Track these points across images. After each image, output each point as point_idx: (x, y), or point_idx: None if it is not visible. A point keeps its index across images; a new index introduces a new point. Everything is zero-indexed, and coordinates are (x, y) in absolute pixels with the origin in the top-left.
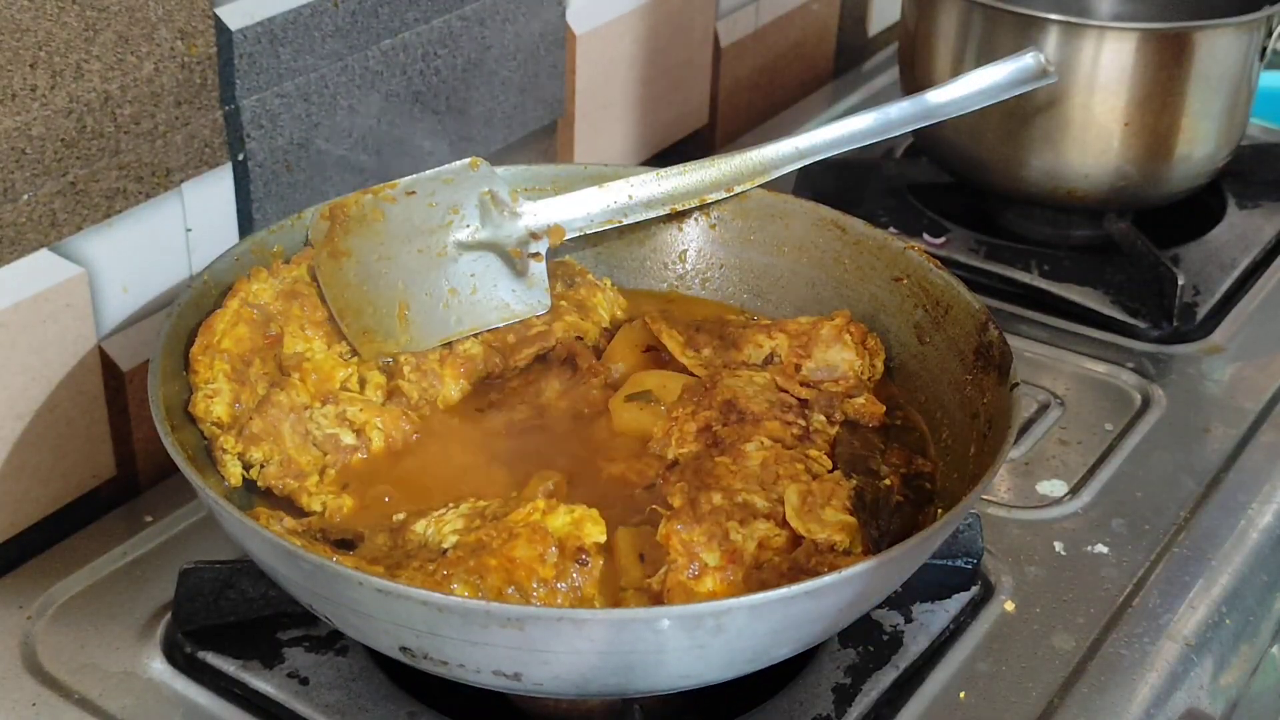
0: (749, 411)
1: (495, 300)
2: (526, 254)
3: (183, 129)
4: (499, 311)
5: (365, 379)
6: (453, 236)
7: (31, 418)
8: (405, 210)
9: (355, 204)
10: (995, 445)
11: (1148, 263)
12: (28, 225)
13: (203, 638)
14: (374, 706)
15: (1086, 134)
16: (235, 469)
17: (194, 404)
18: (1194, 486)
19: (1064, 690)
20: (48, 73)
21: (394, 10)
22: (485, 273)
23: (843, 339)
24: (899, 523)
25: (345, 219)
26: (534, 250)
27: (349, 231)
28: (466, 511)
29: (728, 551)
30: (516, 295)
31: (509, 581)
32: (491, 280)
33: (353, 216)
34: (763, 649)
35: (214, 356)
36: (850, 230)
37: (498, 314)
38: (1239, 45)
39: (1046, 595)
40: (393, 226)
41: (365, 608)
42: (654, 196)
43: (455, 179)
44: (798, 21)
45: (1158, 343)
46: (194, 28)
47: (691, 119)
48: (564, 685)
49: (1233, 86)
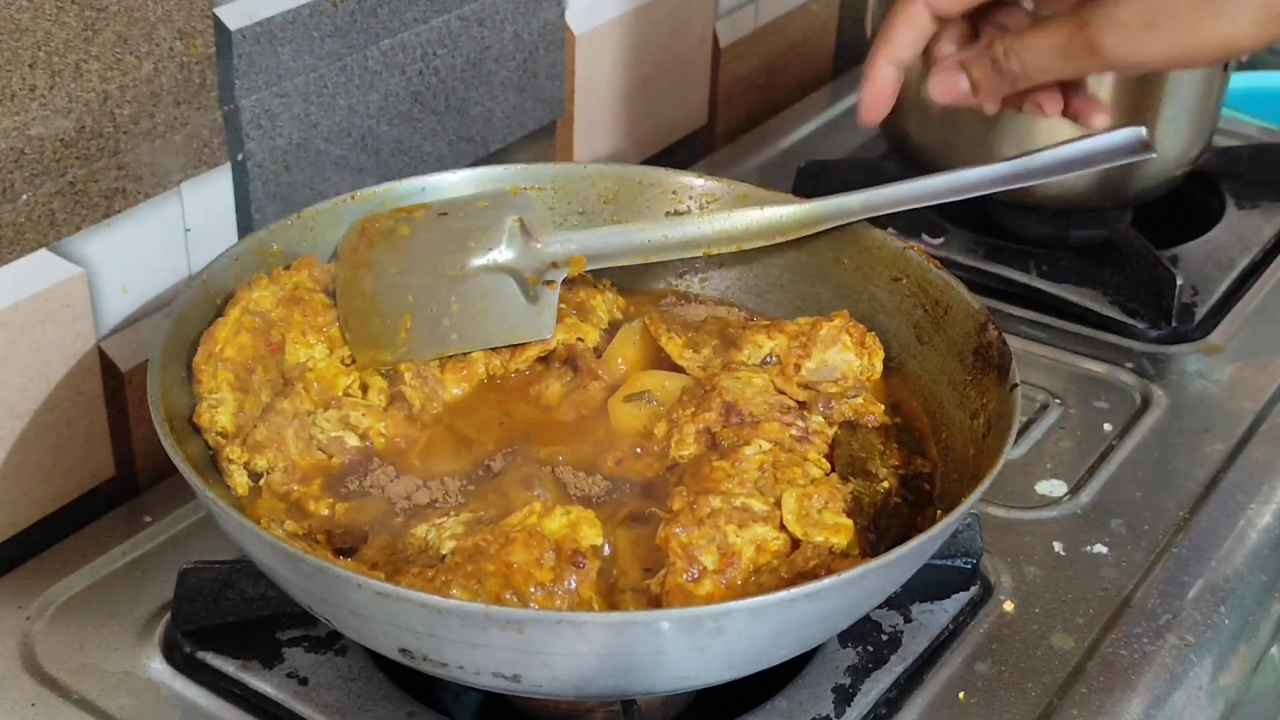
0: (748, 414)
1: (499, 322)
2: (542, 280)
3: (182, 129)
4: (500, 334)
5: (367, 385)
6: (474, 260)
7: (31, 418)
8: (432, 230)
9: (385, 219)
10: (995, 446)
11: (1146, 263)
12: (27, 225)
13: (202, 638)
14: (374, 706)
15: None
16: (241, 478)
17: (199, 414)
18: (1193, 486)
19: (1063, 690)
20: (46, 73)
21: (393, 10)
22: (496, 295)
23: (842, 339)
24: (898, 524)
25: (374, 234)
26: (549, 278)
27: (374, 244)
28: (467, 518)
29: (726, 555)
30: (523, 319)
31: (506, 586)
32: (501, 303)
33: (381, 231)
34: (762, 651)
35: (217, 365)
36: (850, 229)
37: (499, 336)
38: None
39: (1046, 595)
40: (417, 244)
41: (365, 610)
42: (691, 238)
43: (490, 204)
44: (797, 21)
45: (1157, 343)
46: (193, 27)
47: (690, 119)
48: (563, 687)
49: (1204, 87)
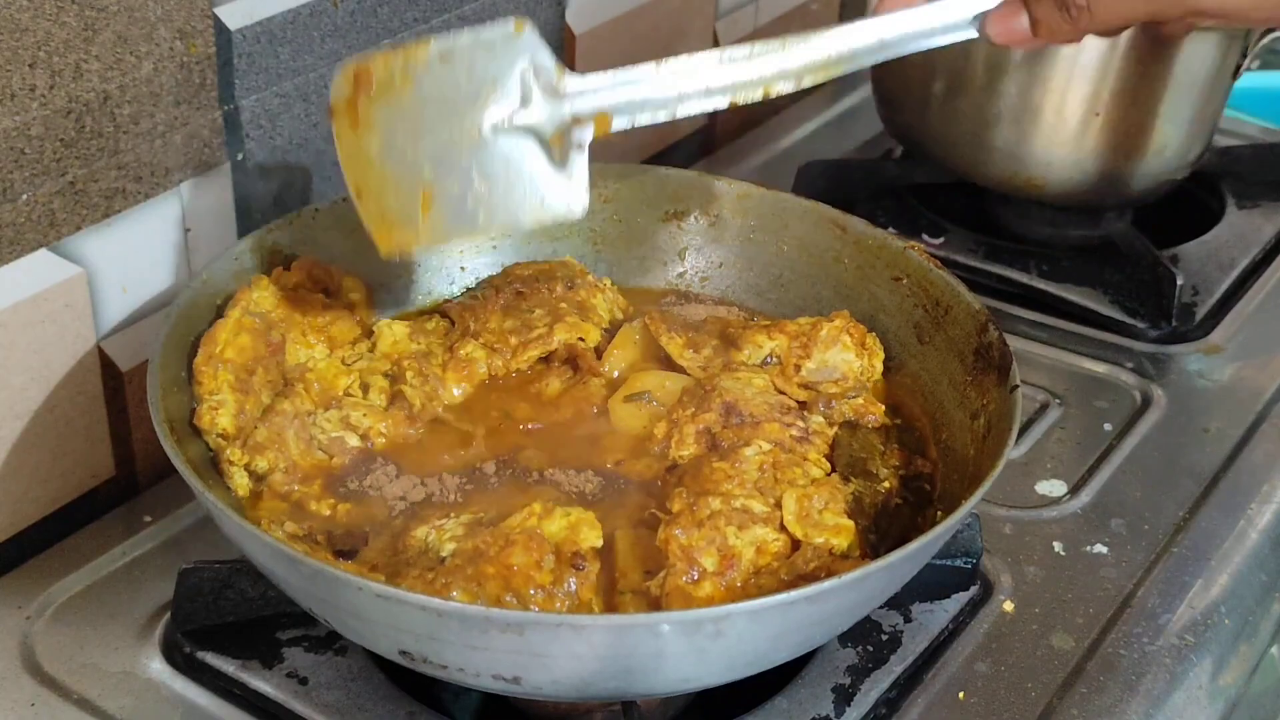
0: (748, 414)
1: (528, 196)
2: (569, 143)
3: (182, 129)
4: (531, 210)
5: (368, 384)
6: (488, 116)
7: (31, 418)
8: (438, 80)
9: (384, 67)
10: (995, 447)
11: (1146, 262)
12: (27, 225)
13: (202, 638)
14: (373, 706)
15: (1057, 120)
16: (242, 480)
17: (199, 416)
18: (1193, 486)
19: (1063, 690)
20: (47, 72)
21: (394, 10)
22: (521, 161)
23: (842, 340)
24: (898, 525)
25: (370, 83)
26: (577, 140)
27: (374, 100)
28: (467, 520)
29: (726, 556)
30: (552, 191)
31: (506, 589)
32: (527, 171)
33: (380, 82)
34: (762, 653)
35: (217, 367)
36: (850, 229)
37: (530, 213)
38: (1219, 52)
39: (1046, 595)
40: (423, 99)
41: (365, 612)
42: (713, 85)
43: (495, 45)
44: (797, 21)
45: (1157, 343)
46: (193, 27)
47: (691, 119)
48: (563, 689)
49: (1207, 91)
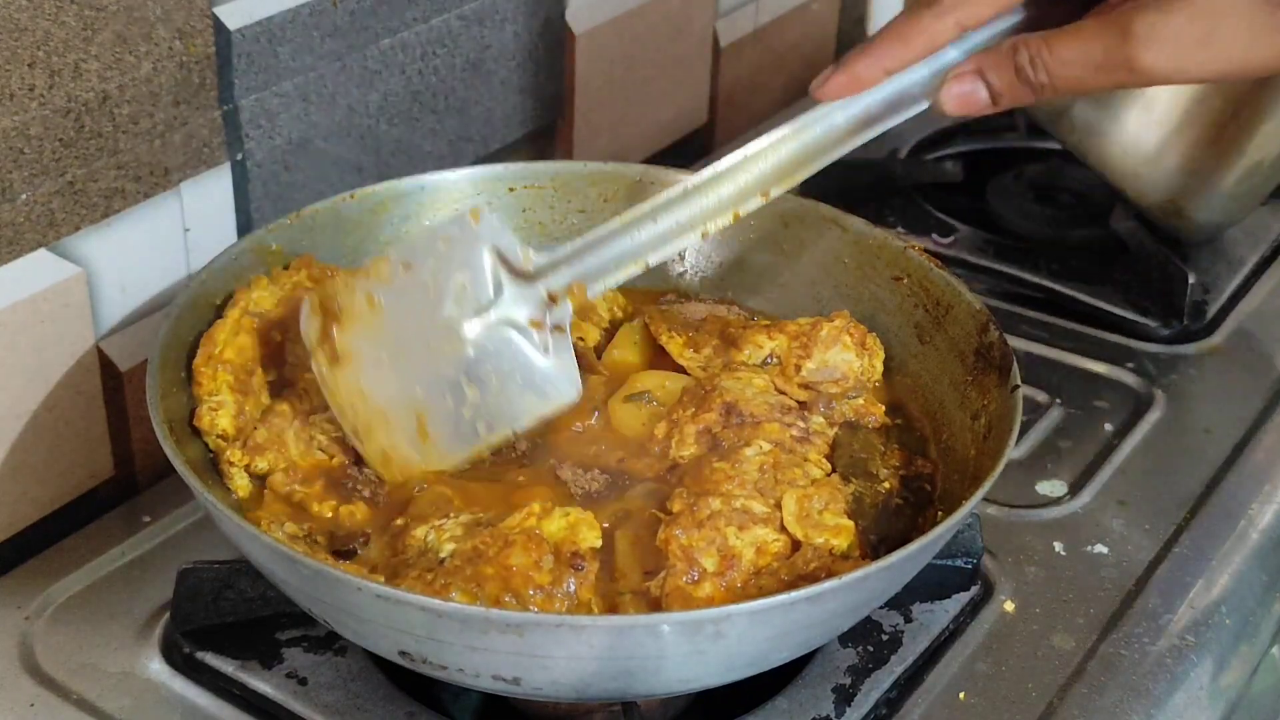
0: (749, 414)
1: (522, 394)
2: (548, 326)
3: (181, 129)
4: (528, 409)
5: None
6: (463, 320)
7: (29, 418)
8: (403, 292)
9: (346, 292)
10: (996, 447)
11: (1157, 260)
12: (26, 225)
13: (201, 638)
14: (373, 707)
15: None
16: (243, 481)
17: (199, 417)
18: (1194, 486)
19: (1063, 690)
20: (46, 72)
21: (393, 10)
22: (506, 359)
23: (842, 340)
24: (899, 525)
25: (336, 315)
26: (555, 322)
27: (345, 329)
28: (466, 521)
29: (726, 557)
30: (547, 382)
31: (506, 589)
32: (514, 368)
33: (347, 312)
34: (762, 654)
35: (216, 368)
36: (850, 229)
37: (527, 413)
38: None
39: (1046, 595)
40: (393, 317)
41: (364, 613)
42: (680, 221)
43: (453, 238)
44: (797, 21)
45: (1162, 342)
46: (192, 27)
47: (691, 118)
48: (563, 690)
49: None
